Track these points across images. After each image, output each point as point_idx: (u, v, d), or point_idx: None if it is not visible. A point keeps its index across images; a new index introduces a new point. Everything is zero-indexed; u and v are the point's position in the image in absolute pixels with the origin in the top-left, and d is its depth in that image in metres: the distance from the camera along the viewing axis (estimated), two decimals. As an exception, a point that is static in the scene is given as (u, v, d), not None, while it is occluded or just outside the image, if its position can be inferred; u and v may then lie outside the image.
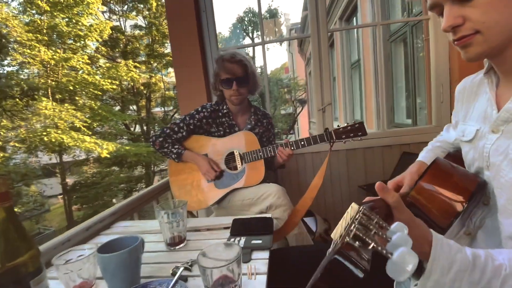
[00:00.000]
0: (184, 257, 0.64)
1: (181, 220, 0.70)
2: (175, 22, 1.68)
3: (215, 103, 1.33)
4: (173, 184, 1.29)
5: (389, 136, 1.72)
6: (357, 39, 4.12)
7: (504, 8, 0.43)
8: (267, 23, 14.36)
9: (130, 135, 13.03)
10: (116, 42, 12.61)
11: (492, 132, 0.50)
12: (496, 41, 0.45)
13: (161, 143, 1.24)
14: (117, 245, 0.54)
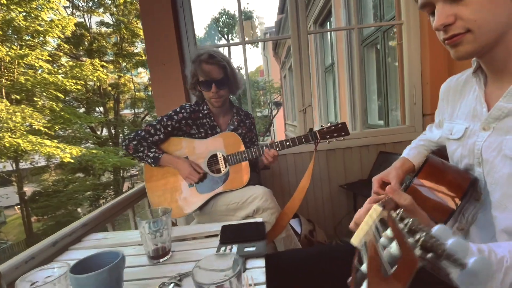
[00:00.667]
0: (171, 271, 0.57)
1: (165, 229, 0.63)
2: (150, 17, 1.59)
3: (194, 103, 1.26)
4: (150, 190, 1.20)
5: (366, 136, 1.77)
6: (331, 43, 4.25)
7: (495, 8, 0.44)
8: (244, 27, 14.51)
9: (96, 139, 12.25)
10: (80, 40, 11.84)
11: (483, 129, 0.51)
12: (486, 40, 0.46)
13: (136, 147, 1.15)
14: (93, 262, 0.47)
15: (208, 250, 0.66)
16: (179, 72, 1.61)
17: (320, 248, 0.76)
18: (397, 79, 2.68)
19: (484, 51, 0.48)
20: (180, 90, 1.63)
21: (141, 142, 1.15)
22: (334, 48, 3.90)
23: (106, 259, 0.47)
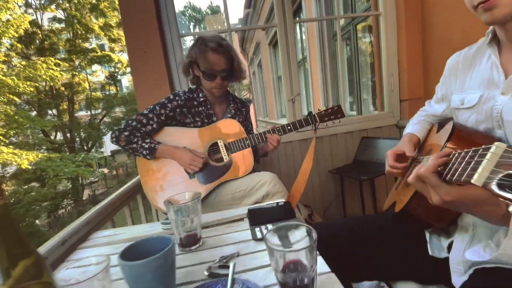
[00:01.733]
0: (206, 257, 0.54)
1: (195, 216, 0.59)
2: (128, 1, 1.47)
3: (188, 90, 1.20)
4: (146, 185, 1.11)
5: (350, 123, 1.85)
6: (301, 38, 4.35)
7: None
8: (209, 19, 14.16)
9: (50, 144, 11.16)
10: (32, 38, 10.69)
11: (501, 94, 0.56)
12: (504, 12, 0.49)
13: (128, 138, 1.06)
14: (140, 249, 0.41)
15: (240, 233, 0.63)
16: (161, 59, 1.51)
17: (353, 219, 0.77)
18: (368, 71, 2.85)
19: (498, 24, 0.52)
20: (163, 78, 1.53)
21: (134, 133, 1.06)
22: (305, 42, 3.99)
23: (152, 246, 0.42)
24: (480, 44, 0.65)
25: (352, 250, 0.64)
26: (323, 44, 3.28)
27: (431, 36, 1.62)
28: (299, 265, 0.38)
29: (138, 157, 1.11)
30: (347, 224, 0.72)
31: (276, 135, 1.12)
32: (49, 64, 9.39)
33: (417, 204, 0.57)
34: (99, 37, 12.97)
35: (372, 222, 0.71)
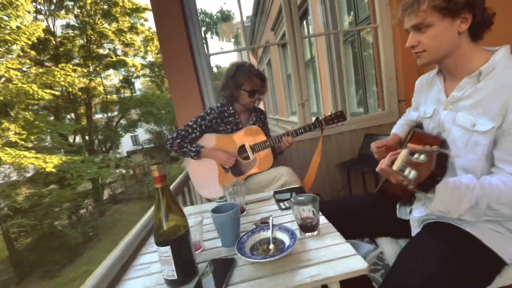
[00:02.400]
0: (251, 219, 0.85)
1: (239, 195, 0.90)
2: (164, 32, 1.78)
3: (220, 105, 1.52)
4: (194, 179, 1.45)
5: (354, 122, 2.12)
6: (309, 39, 4.59)
7: (441, 39, 0.74)
8: (221, 27, 14.61)
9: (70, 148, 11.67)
10: (45, 45, 11.19)
11: (444, 109, 0.84)
12: (435, 57, 0.77)
13: (180, 144, 1.39)
14: (220, 210, 0.73)
15: (269, 207, 0.94)
16: (194, 79, 1.83)
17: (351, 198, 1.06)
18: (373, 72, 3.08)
19: (437, 62, 0.80)
20: (196, 94, 1.85)
21: (184, 140, 1.39)
22: (313, 44, 4.24)
23: (225, 209, 0.73)
24: (435, 71, 0.92)
25: (347, 217, 0.94)
26: (330, 46, 3.52)
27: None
28: (308, 217, 0.69)
29: (186, 157, 1.44)
30: (346, 200, 1.02)
31: (290, 137, 1.42)
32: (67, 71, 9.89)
33: (388, 186, 0.86)
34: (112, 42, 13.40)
35: (363, 199, 1.00)
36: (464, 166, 0.76)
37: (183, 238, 0.60)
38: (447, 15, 0.70)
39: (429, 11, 0.71)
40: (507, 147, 0.67)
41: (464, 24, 0.71)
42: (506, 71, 0.69)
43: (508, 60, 0.70)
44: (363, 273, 0.53)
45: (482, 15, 0.71)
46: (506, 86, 0.67)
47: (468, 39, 0.74)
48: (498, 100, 0.67)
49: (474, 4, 0.70)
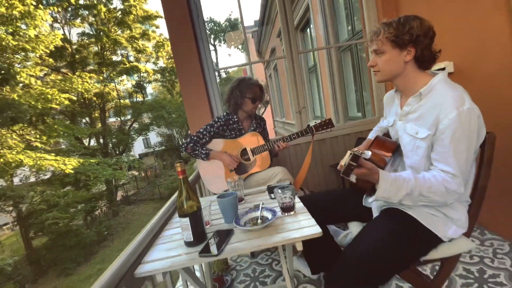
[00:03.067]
0: (247, 206, 1.11)
1: (240, 189, 1.16)
2: (178, 49, 2.08)
3: (226, 114, 1.79)
4: (203, 176, 1.72)
5: (347, 127, 2.35)
6: (312, 47, 4.82)
7: (391, 64, 0.97)
8: (229, 35, 15.14)
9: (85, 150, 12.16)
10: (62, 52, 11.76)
11: (399, 120, 1.07)
12: (386, 77, 1.00)
13: (193, 148, 1.67)
14: (223, 197, 0.99)
15: (263, 197, 1.19)
16: (204, 90, 2.11)
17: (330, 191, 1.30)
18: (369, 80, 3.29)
19: (388, 81, 1.03)
20: (205, 103, 2.13)
21: (196, 144, 1.67)
22: (316, 51, 4.48)
23: (227, 196, 0.99)
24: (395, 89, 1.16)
25: (327, 206, 1.18)
26: (330, 54, 3.75)
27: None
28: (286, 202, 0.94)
29: (197, 158, 1.71)
30: (325, 193, 1.26)
31: (282, 142, 1.67)
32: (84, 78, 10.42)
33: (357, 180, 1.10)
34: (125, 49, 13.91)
35: (339, 192, 1.25)
36: (411, 164, 1.00)
37: (198, 213, 0.86)
38: (396, 46, 0.92)
39: (384, 41, 0.94)
40: (438, 150, 0.89)
41: (409, 55, 0.93)
42: (439, 92, 0.91)
43: (442, 83, 0.93)
44: (317, 236, 0.78)
45: (424, 51, 0.92)
46: (438, 104, 0.89)
47: (414, 66, 0.96)
48: (433, 114, 0.89)
49: (417, 42, 0.92)
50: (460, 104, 0.83)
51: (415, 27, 0.89)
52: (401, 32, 0.90)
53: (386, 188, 0.87)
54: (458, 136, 0.83)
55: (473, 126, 0.83)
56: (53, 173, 9.74)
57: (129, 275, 0.75)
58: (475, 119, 0.83)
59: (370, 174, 0.87)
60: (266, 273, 1.71)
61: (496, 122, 1.50)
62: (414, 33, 0.89)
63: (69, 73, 11.98)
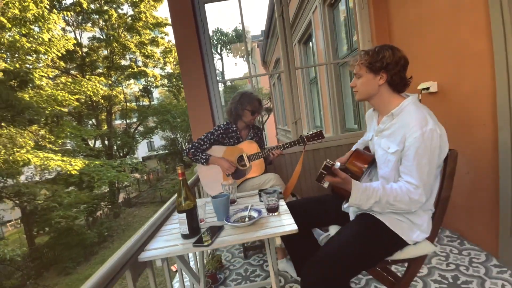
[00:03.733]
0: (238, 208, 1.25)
1: (233, 192, 1.30)
2: (185, 63, 2.25)
3: (226, 123, 1.94)
4: (202, 180, 1.86)
5: (340, 138, 2.49)
6: (314, 61, 5.01)
7: (367, 86, 1.12)
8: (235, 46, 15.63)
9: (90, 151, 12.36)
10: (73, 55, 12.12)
11: (376, 136, 1.21)
12: (363, 97, 1.14)
13: (194, 153, 1.82)
14: (217, 197, 1.13)
15: (253, 200, 1.33)
16: (207, 102, 2.28)
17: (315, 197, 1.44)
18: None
19: (367, 100, 1.17)
20: (207, 113, 2.30)
21: (197, 150, 1.82)
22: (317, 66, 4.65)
23: (221, 196, 1.13)
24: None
25: (311, 210, 1.31)
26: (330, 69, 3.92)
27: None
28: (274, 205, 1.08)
29: (198, 163, 1.86)
30: (310, 199, 1.40)
31: (278, 150, 1.81)
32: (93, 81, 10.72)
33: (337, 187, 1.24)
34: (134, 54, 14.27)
35: (322, 198, 1.38)
36: (383, 175, 1.13)
37: (194, 211, 1.01)
38: (370, 71, 1.07)
39: (361, 66, 1.09)
40: (404, 164, 1.03)
41: (382, 80, 1.08)
42: (407, 113, 1.04)
43: (411, 105, 1.07)
44: (294, 232, 0.92)
45: (393, 77, 1.06)
46: (406, 124, 1.02)
47: (388, 89, 1.10)
48: (401, 132, 1.03)
49: (388, 69, 1.06)
50: (423, 124, 0.96)
51: (386, 56, 1.04)
52: (375, 59, 1.05)
53: (358, 196, 1.01)
54: (421, 153, 0.96)
55: (435, 144, 0.97)
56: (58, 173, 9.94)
57: (134, 259, 0.89)
58: (437, 138, 0.97)
59: (344, 183, 1.01)
60: (257, 273, 1.83)
61: (471, 139, 1.64)
62: (385, 61, 1.04)
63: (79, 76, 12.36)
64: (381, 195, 1.00)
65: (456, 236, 1.88)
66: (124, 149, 14.95)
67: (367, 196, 1.01)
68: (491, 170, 1.53)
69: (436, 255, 1.71)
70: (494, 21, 1.32)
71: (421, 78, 1.96)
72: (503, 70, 1.32)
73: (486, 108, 1.50)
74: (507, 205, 1.41)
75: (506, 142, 1.37)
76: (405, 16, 2.11)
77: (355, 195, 1.01)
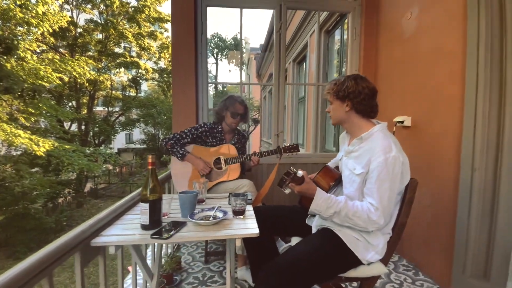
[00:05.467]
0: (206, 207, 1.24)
1: (205, 191, 1.30)
2: (178, 60, 2.25)
3: (212, 122, 1.95)
4: (174, 177, 1.83)
5: (317, 157, 2.56)
6: (305, 80, 5.17)
7: (337, 112, 1.18)
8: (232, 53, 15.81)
9: (64, 134, 11.76)
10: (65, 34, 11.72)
11: (345, 156, 1.26)
12: (335, 122, 1.21)
13: (172, 144, 1.80)
14: (185, 194, 1.12)
15: (223, 202, 1.33)
16: (194, 98, 2.28)
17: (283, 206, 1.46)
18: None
19: (339, 124, 1.23)
20: (192, 109, 2.29)
21: (176, 142, 1.80)
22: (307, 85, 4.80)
23: (189, 193, 1.12)
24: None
25: (274, 218, 1.33)
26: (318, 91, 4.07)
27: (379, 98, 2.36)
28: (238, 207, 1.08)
29: (174, 156, 1.83)
30: (277, 207, 1.41)
31: (256, 157, 1.83)
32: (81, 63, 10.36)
33: (304, 200, 1.26)
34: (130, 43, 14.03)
35: (289, 207, 1.40)
36: (348, 194, 1.17)
37: (157, 202, 0.99)
38: (337, 99, 1.15)
39: (331, 94, 1.17)
40: (368, 186, 1.07)
41: (347, 107, 1.14)
42: (374, 139, 1.11)
43: (380, 132, 1.13)
44: (255, 235, 0.93)
45: (356, 106, 1.13)
46: (372, 149, 1.08)
47: (357, 115, 1.16)
48: (367, 156, 1.08)
49: (350, 98, 1.13)
50: (388, 151, 1.02)
51: (349, 86, 1.12)
52: (339, 89, 1.14)
53: (319, 203, 1.04)
54: (383, 177, 1.02)
55: (397, 170, 1.03)
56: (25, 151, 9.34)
57: (86, 243, 0.85)
58: (399, 165, 1.03)
59: (309, 189, 1.05)
60: (215, 279, 1.79)
61: (436, 174, 1.74)
62: (347, 91, 1.12)
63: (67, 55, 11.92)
64: (341, 207, 1.04)
65: (411, 266, 1.96)
66: (101, 137, 14.38)
67: (328, 205, 1.04)
68: (450, 207, 1.62)
69: (391, 281, 1.76)
70: (469, 69, 1.44)
71: (398, 112, 2.08)
72: (471, 114, 1.44)
73: (452, 148, 1.61)
74: (462, 243, 1.50)
75: (467, 181, 1.47)
76: (391, 53, 2.26)
77: (317, 201, 1.04)
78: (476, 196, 1.40)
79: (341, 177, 1.25)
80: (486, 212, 1.39)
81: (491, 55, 1.33)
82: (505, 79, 1.31)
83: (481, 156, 1.38)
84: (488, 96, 1.35)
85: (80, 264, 0.85)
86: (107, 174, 15.52)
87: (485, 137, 1.37)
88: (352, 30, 2.54)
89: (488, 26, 1.32)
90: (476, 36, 1.38)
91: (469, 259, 1.43)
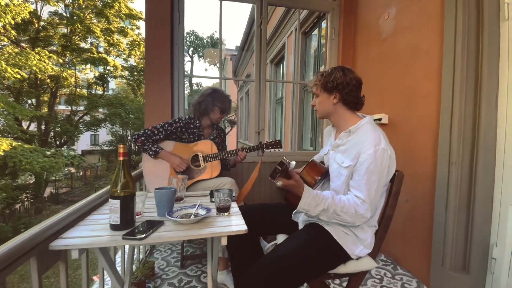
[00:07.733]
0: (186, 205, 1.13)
1: (183, 188, 1.18)
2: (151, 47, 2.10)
3: (188, 117, 1.82)
4: (147, 176, 1.68)
5: (296, 155, 2.53)
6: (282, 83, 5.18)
7: (323, 105, 1.15)
8: (209, 51, 15.47)
9: (22, 134, 10.80)
10: (27, 26, 10.79)
11: (332, 150, 1.22)
12: (322, 115, 1.17)
13: (143, 141, 1.64)
14: (162, 190, 1.00)
15: (204, 199, 1.22)
16: (169, 90, 2.13)
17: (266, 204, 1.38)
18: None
19: (326, 118, 1.20)
20: (167, 103, 2.14)
21: (148, 139, 1.65)
22: (284, 86, 4.81)
23: (166, 189, 1.00)
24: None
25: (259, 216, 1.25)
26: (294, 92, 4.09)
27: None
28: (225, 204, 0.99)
29: (145, 153, 1.68)
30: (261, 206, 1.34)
31: (243, 152, 1.75)
32: (42, 56, 9.58)
33: (290, 196, 1.20)
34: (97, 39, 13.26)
35: (273, 205, 1.33)
36: (334, 187, 1.13)
37: (129, 198, 0.86)
38: (325, 92, 1.11)
39: (317, 86, 1.13)
40: (355, 178, 1.04)
41: (335, 99, 1.11)
42: (363, 132, 1.08)
43: (368, 125, 1.11)
44: (243, 233, 0.84)
45: (345, 97, 1.10)
46: (361, 141, 1.05)
47: (344, 108, 1.13)
48: (356, 149, 1.05)
49: (339, 89, 1.10)
50: (377, 143, 1.00)
51: (337, 77, 1.09)
52: (327, 80, 1.10)
53: (307, 202, 0.99)
54: (372, 169, 0.99)
55: (385, 163, 1.00)
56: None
57: (43, 246, 0.71)
58: (387, 157, 1.01)
59: (297, 186, 0.99)
60: (193, 284, 1.67)
61: (413, 170, 1.78)
62: (335, 82, 1.09)
63: (28, 49, 10.93)
64: (329, 204, 0.99)
65: (390, 260, 1.98)
66: (63, 138, 13.35)
67: (316, 203, 0.99)
68: (427, 201, 1.66)
69: (372, 277, 1.76)
70: (446, 67, 1.49)
71: (375, 110, 2.11)
72: (447, 111, 1.48)
73: (429, 144, 1.66)
74: (440, 236, 1.53)
75: (444, 176, 1.50)
76: (368, 53, 2.31)
77: (305, 200, 0.99)
78: (453, 190, 1.44)
79: (327, 172, 1.21)
80: (463, 205, 1.43)
81: (467, 53, 1.38)
82: (481, 77, 1.36)
83: (458, 151, 1.42)
84: (464, 93, 1.40)
85: (37, 271, 0.71)
86: (70, 177, 14.42)
87: (461, 133, 1.41)
88: (331, 30, 2.56)
89: (465, 25, 1.37)
90: (453, 35, 1.43)
91: (448, 252, 1.46)
